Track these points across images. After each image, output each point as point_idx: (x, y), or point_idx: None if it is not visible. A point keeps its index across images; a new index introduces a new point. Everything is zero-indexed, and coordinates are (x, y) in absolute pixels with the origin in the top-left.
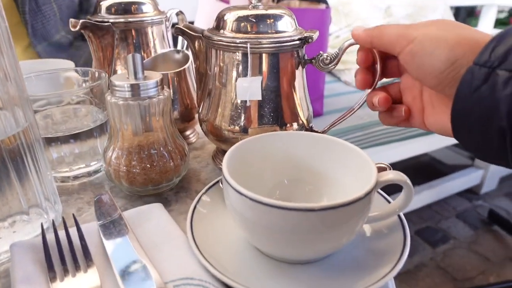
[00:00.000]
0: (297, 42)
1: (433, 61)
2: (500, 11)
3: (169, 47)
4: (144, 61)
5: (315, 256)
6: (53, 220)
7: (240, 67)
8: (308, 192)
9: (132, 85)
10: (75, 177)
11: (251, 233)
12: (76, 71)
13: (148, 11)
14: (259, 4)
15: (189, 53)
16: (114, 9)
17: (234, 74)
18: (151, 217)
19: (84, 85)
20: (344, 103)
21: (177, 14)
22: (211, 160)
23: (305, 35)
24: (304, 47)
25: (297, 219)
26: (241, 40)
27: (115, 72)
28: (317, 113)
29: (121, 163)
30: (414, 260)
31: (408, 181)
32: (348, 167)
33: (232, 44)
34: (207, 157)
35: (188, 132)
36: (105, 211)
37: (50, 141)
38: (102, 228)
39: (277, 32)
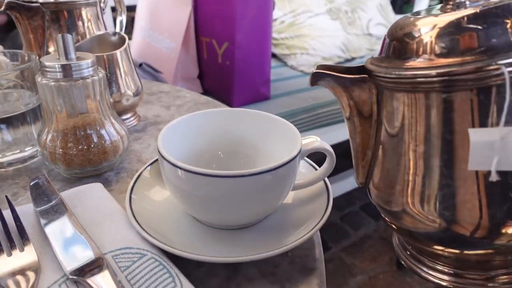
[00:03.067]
0: None
1: None
2: None
3: (105, 30)
4: (79, 43)
5: (248, 220)
6: None
7: (468, 114)
8: (243, 164)
9: (63, 66)
10: (9, 163)
11: (186, 202)
12: (4, 54)
13: None
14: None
15: (126, 36)
16: None
17: (453, 125)
18: (91, 196)
19: None
20: (291, 87)
21: None
22: (153, 142)
23: None
24: None
25: (227, 186)
26: (472, 67)
27: (48, 54)
28: (264, 97)
29: (56, 145)
30: (359, 233)
31: (330, 148)
32: (279, 139)
33: (449, 78)
34: (149, 138)
35: (129, 115)
36: (41, 192)
37: None
38: (39, 209)
39: None
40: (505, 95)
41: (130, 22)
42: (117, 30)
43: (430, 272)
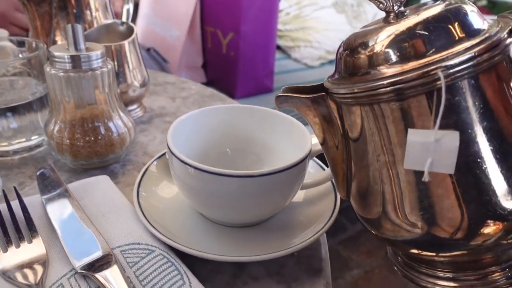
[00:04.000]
0: (509, 40)
1: None
2: None
3: (113, 19)
4: (87, 32)
5: (255, 219)
6: None
7: (421, 119)
8: (251, 162)
9: (72, 57)
10: (15, 152)
11: (195, 200)
12: (11, 40)
13: None
14: (404, 8)
15: (134, 26)
16: None
17: (399, 134)
18: (97, 188)
19: (20, 55)
20: (294, 79)
21: None
22: (159, 134)
23: None
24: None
25: (237, 185)
26: (414, 74)
27: (54, 43)
28: (267, 89)
29: (64, 136)
30: (356, 227)
31: None
32: (288, 138)
33: (398, 86)
34: (154, 130)
35: (135, 106)
36: (48, 183)
37: None
38: (46, 200)
39: (463, 39)
40: (447, 98)
41: (134, 8)
42: (124, 19)
43: (423, 277)
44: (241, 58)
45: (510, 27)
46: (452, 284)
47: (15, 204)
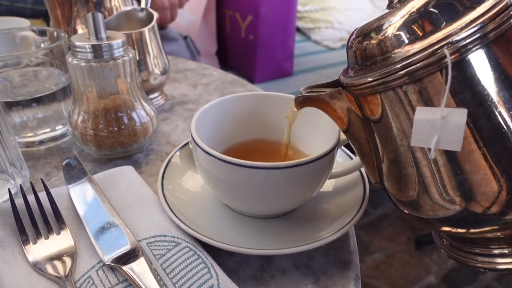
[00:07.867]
0: None
1: None
2: None
3: (132, 5)
4: (107, 20)
5: (282, 210)
6: (20, 185)
7: (436, 98)
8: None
9: (94, 46)
10: (41, 142)
11: (220, 191)
12: (33, 30)
13: None
14: None
15: (154, 12)
16: None
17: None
18: (122, 179)
19: (42, 45)
20: (314, 62)
21: None
22: (181, 122)
23: None
24: None
25: (264, 177)
26: (426, 53)
27: (75, 31)
28: (287, 73)
29: (87, 126)
30: (378, 212)
31: None
32: (315, 127)
33: (408, 69)
34: (177, 119)
35: (156, 94)
36: (74, 174)
37: (10, 106)
38: (72, 192)
39: (467, 12)
40: (455, 75)
41: None
42: (142, 5)
43: (479, 258)
44: (260, 41)
45: None
46: (510, 260)
47: (42, 195)
